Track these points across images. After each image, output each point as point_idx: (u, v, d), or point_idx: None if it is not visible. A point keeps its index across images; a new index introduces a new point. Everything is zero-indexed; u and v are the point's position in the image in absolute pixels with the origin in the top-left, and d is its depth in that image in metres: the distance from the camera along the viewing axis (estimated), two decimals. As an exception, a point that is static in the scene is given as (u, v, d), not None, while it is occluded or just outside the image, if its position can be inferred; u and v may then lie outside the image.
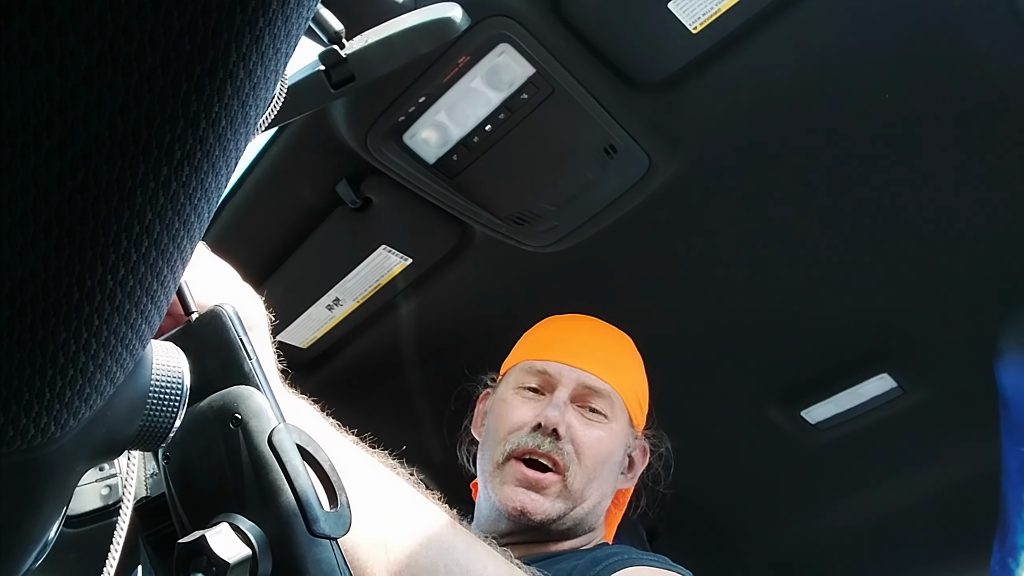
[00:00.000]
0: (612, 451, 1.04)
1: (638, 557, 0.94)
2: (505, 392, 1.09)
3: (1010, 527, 1.21)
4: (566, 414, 1.02)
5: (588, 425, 1.03)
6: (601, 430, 1.04)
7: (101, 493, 0.48)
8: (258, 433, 0.41)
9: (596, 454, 1.02)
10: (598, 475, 1.02)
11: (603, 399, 1.05)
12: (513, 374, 1.11)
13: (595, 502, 1.03)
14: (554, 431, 1.00)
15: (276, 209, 1.11)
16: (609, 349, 1.12)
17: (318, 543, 0.40)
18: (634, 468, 1.12)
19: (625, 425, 1.08)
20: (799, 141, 1.05)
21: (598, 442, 1.02)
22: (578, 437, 1.01)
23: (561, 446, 1.00)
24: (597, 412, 1.05)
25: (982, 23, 0.91)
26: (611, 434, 1.04)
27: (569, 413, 1.03)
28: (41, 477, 0.26)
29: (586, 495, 1.01)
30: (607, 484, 1.05)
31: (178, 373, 0.34)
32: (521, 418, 1.03)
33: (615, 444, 1.05)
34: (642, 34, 0.91)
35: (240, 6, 0.20)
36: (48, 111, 0.18)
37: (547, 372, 1.07)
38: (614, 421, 1.05)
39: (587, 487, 1.01)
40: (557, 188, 1.10)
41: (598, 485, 1.03)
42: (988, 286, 1.25)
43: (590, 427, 1.03)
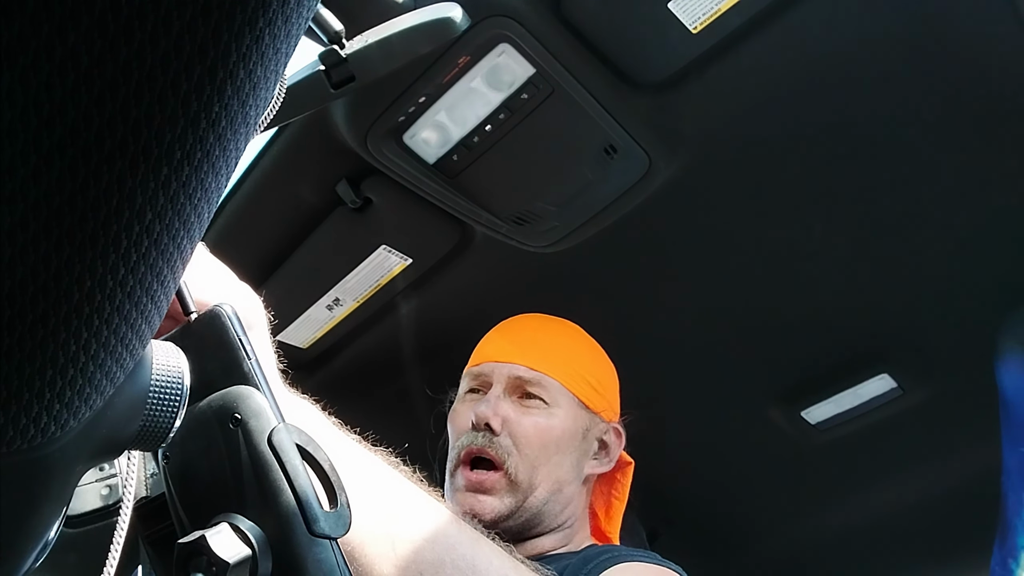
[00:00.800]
0: (557, 435, 1.03)
1: (628, 554, 0.93)
2: (456, 403, 1.12)
3: (1010, 527, 1.21)
4: (499, 407, 1.02)
5: (525, 413, 1.03)
6: (539, 416, 1.03)
7: (101, 493, 0.48)
8: (258, 433, 0.41)
9: (538, 440, 1.02)
10: (544, 461, 1.02)
11: (537, 386, 1.05)
12: (462, 383, 1.14)
13: (549, 489, 1.01)
14: (487, 426, 1.01)
15: (276, 209, 1.11)
16: (543, 340, 1.12)
17: (318, 543, 0.40)
18: (609, 451, 1.11)
19: (572, 408, 1.06)
20: (799, 141, 1.05)
21: (535, 427, 1.02)
22: (515, 428, 1.02)
23: (496, 441, 1.00)
24: (533, 397, 1.05)
25: (982, 23, 0.91)
26: (551, 418, 1.04)
27: (504, 405, 1.03)
28: (41, 477, 0.26)
29: (535, 483, 1.00)
30: (561, 469, 1.03)
31: (178, 373, 0.34)
32: (463, 422, 1.05)
33: (560, 428, 1.04)
34: (642, 34, 0.91)
35: (240, 6, 0.20)
36: (48, 111, 0.18)
37: (482, 373, 1.09)
38: (555, 406, 1.05)
39: (534, 475, 1.00)
40: (557, 188, 1.10)
41: (548, 471, 1.02)
42: (988, 286, 1.25)
43: (527, 414, 1.03)
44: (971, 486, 1.56)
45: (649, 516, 1.74)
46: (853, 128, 1.04)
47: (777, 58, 0.94)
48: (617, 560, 0.90)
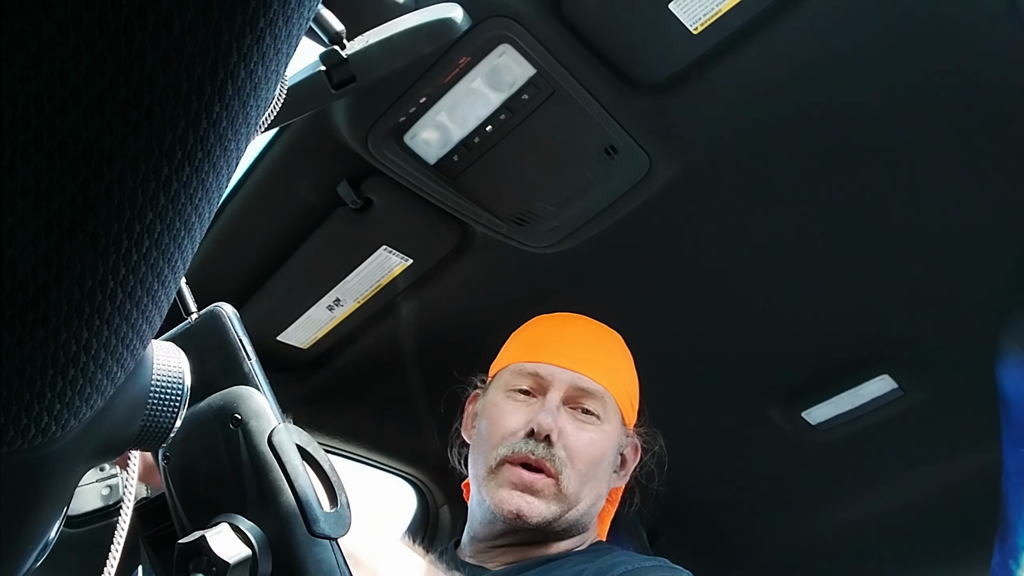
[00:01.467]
0: (605, 452, 1.04)
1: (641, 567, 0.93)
2: (496, 395, 1.08)
3: (1011, 528, 1.21)
4: (559, 418, 1.02)
5: (581, 428, 1.03)
6: (594, 432, 1.03)
7: (102, 493, 0.48)
8: (258, 433, 0.41)
9: (589, 457, 1.02)
10: (592, 476, 1.02)
11: (596, 400, 1.05)
12: (504, 376, 1.10)
13: (590, 503, 1.03)
14: (547, 437, 1.00)
15: (277, 209, 1.11)
16: (600, 348, 1.11)
17: (318, 543, 0.40)
18: (626, 466, 1.12)
19: (618, 425, 1.07)
20: (800, 142, 1.05)
21: (591, 445, 1.02)
22: (571, 441, 1.01)
23: (554, 452, 1.00)
24: (590, 413, 1.04)
25: (983, 23, 0.91)
26: (604, 435, 1.04)
27: (562, 417, 1.02)
28: (42, 477, 0.26)
29: (581, 497, 1.01)
30: (601, 484, 1.05)
31: (179, 373, 0.34)
32: (514, 423, 1.03)
33: (608, 445, 1.05)
34: (643, 35, 0.91)
35: (241, 6, 0.20)
36: (49, 111, 0.18)
37: (539, 374, 1.06)
38: (607, 422, 1.05)
39: (581, 489, 1.01)
40: (558, 189, 1.10)
41: (592, 486, 1.03)
42: (988, 287, 1.25)
43: (583, 429, 1.03)
44: (971, 486, 1.56)
45: (649, 516, 1.74)
46: (854, 129, 1.04)
47: (778, 59, 0.94)
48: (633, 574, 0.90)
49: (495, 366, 1.15)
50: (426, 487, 1.67)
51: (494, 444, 1.03)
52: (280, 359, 1.34)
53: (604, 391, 1.06)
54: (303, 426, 0.43)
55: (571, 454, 1.00)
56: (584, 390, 1.05)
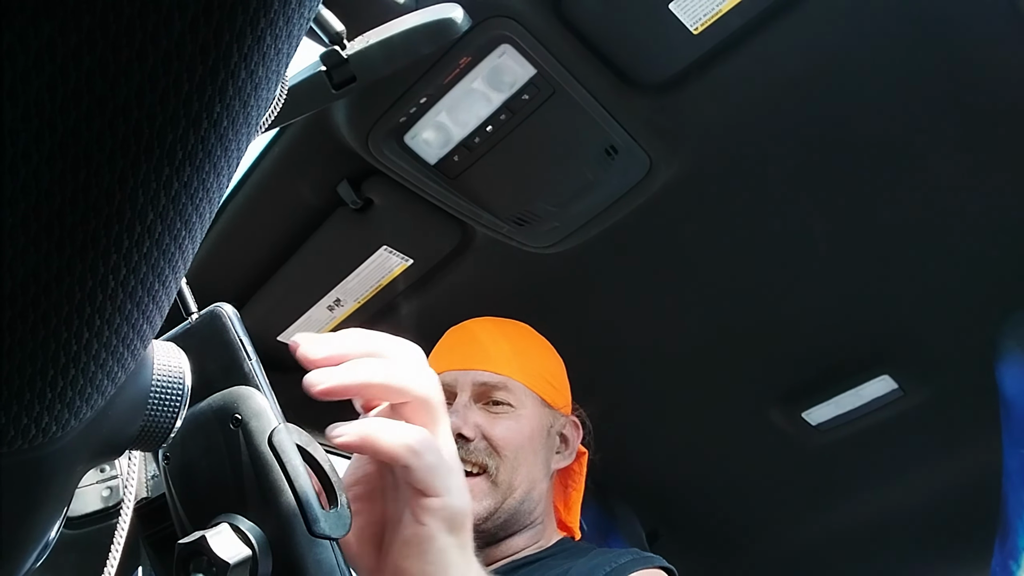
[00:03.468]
0: (528, 436, 1.07)
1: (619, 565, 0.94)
2: None
3: (1011, 529, 1.21)
4: (469, 415, 1.05)
5: (495, 418, 1.06)
6: (508, 419, 1.07)
7: (102, 495, 0.48)
8: (258, 433, 0.41)
9: (511, 443, 1.05)
10: (522, 462, 1.05)
11: (502, 390, 1.08)
12: None
13: (526, 490, 1.05)
14: (460, 436, 1.03)
15: (277, 209, 1.11)
16: (500, 343, 1.15)
17: (318, 543, 0.40)
18: (569, 444, 1.15)
19: (536, 407, 1.10)
20: (800, 142, 1.05)
21: (508, 431, 1.05)
22: (488, 431, 1.05)
23: (472, 448, 1.03)
24: (500, 403, 1.08)
25: (983, 23, 0.91)
26: (520, 420, 1.07)
27: (474, 413, 1.06)
28: (42, 477, 0.26)
29: (514, 484, 1.04)
30: (535, 468, 1.07)
31: (179, 373, 0.34)
32: None
33: (529, 428, 1.08)
34: (643, 35, 0.91)
35: (242, 7, 0.20)
36: (50, 111, 0.18)
37: (445, 383, 1.10)
38: (520, 407, 1.08)
39: (514, 476, 1.04)
40: (558, 189, 1.10)
41: (525, 471, 1.05)
42: (988, 287, 1.25)
43: (497, 419, 1.06)
44: (971, 487, 1.56)
45: (649, 516, 1.74)
46: (854, 129, 1.04)
47: (778, 59, 0.94)
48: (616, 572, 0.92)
49: None
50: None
51: None
52: (280, 359, 1.33)
53: (507, 380, 1.09)
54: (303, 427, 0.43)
55: (493, 444, 1.04)
56: (487, 384, 1.09)
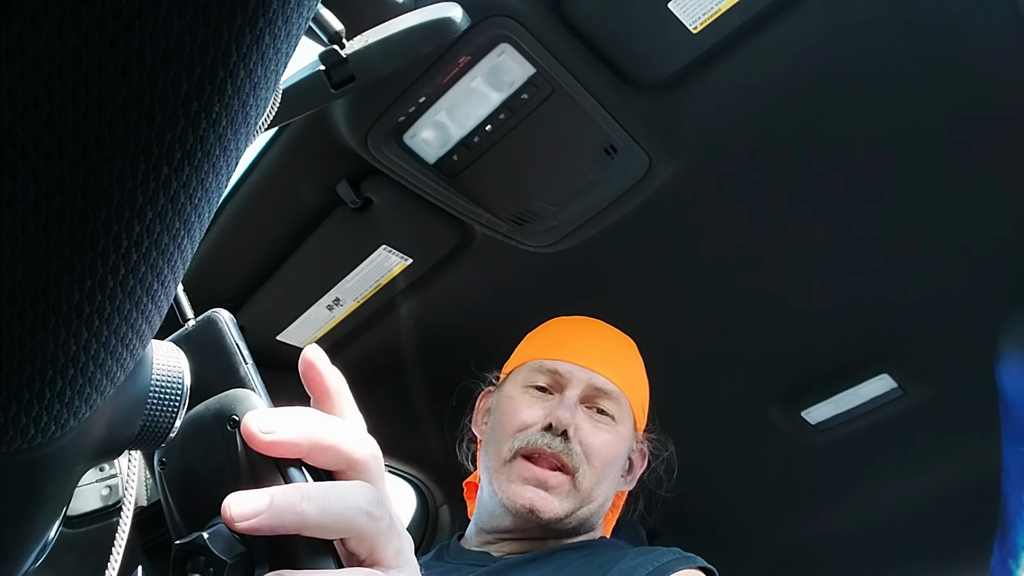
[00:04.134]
0: (619, 454, 1.05)
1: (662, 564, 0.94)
2: (513, 390, 1.08)
3: (1010, 528, 1.21)
4: (576, 415, 1.02)
5: (597, 427, 1.03)
6: (609, 433, 1.04)
7: (101, 494, 0.48)
8: (257, 434, 0.41)
9: (604, 456, 1.02)
10: (605, 477, 1.03)
11: (612, 401, 1.06)
12: (521, 372, 1.10)
13: (600, 503, 1.03)
14: (564, 432, 1.00)
15: (276, 209, 1.11)
16: (617, 351, 1.13)
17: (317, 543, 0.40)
18: (633, 471, 1.13)
19: (631, 428, 1.08)
20: (800, 141, 1.05)
21: (606, 445, 1.03)
22: (587, 439, 1.02)
23: (570, 447, 1.00)
24: (605, 414, 1.05)
25: (983, 25, 0.91)
26: (618, 437, 1.05)
27: (578, 414, 1.03)
28: (41, 477, 0.26)
29: (594, 496, 1.01)
30: (613, 485, 1.06)
31: (178, 373, 0.34)
32: (531, 417, 1.03)
33: (621, 447, 1.05)
34: (642, 34, 0.91)
35: (241, 6, 0.20)
36: (48, 111, 0.18)
37: (557, 371, 1.07)
38: (621, 424, 1.06)
39: (595, 488, 1.01)
40: (557, 188, 1.10)
41: (605, 487, 1.03)
42: (988, 286, 1.25)
43: (598, 429, 1.03)
44: (971, 486, 1.56)
45: (649, 516, 1.74)
46: (854, 128, 1.04)
47: (778, 58, 0.94)
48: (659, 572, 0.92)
49: (510, 363, 1.15)
50: (426, 487, 1.67)
51: (509, 436, 1.03)
52: (280, 359, 1.34)
53: (620, 392, 1.06)
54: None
55: (587, 451, 1.01)
56: (601, 390, 1.05)
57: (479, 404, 1.17)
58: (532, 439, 1.00)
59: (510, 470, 1.01)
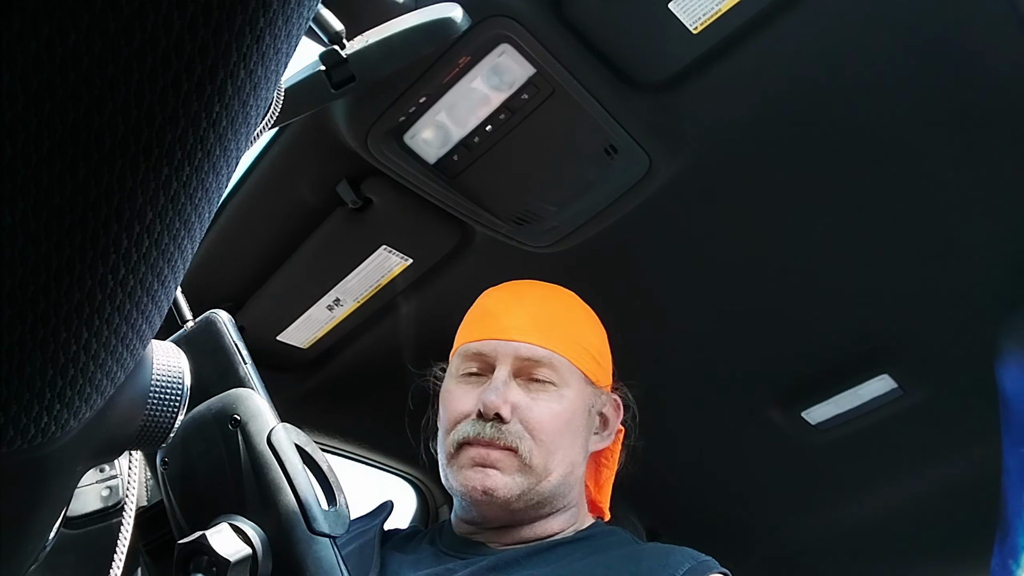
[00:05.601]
0: (569, 418, 0.99)
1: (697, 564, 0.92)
2: (448, 382, 1.05)
3: (1010, 528, 1.21)
4: (508, 394, 0.97)
5: (535, 398, 0.98)
6: (550, 399, 0.98)
7: (102, 494, 0.48)
8: (257, 433, 0.41)
9: (549, 427, 0.97)
10: (559, 446, 0.98)
11: (545, 367, 0.99)
12: (454, 362, 1.06)
13: (563, 473, 0.98)
14: (496, 415, 0.95)
15: (276, 209, 1.11)
16: (547, 312, 1.05)
17: (318, 541, 0.40)
18: (608, 424, 1.07)
19: (580, 386, 1.02)
20: (799, 141, 1.05)
21: (550, 413, 0.97)
22: (526, 414, 0.97)
23: (506, 429, 0.95)
24: (542, 382, 0.99)
25: (983, 25, 0.91)
26: (563, 400, 0.99)
27: (512, 391, 0.98)
28: (41, 477, 0.26)
29: (550, 467, 0.97)
30: (573, 451, 1.00)
31: (178, 373, 0.34)
32: (464, 406, 0.99)
33: (570, 409, 1.00)
34: (643, 34, 0.91)
35: (241, 6, 0.20)
36: (49, 110, 0.18)
37: (482, 352, 1.01)
38: (564, 386, 1.00)
39: (549, 460, 0.97)
40: (558, 188, 1.10)
41: (562, 455, 0.98)
42: (988, 286, 1.25)
43: (537, 400, 0.98)
44: (971, 486, 1.56)
45: (649, 516, 1.74)
46: (854, 129, 1.04)
47: (778, 58, 0.94)
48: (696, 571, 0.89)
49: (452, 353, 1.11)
50: (426, 487, 1.67)
51: (448, 430, 1.00)
52: (280, 359, 1.34)
53: (552, 355, 1.00)
54: (303, 426, 0.43)
55: (528, 427, 0.96)
56: (530, 359, 0.99)
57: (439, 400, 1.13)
58: (465, 431, 0.97)
59: (458, 460, 0.97)
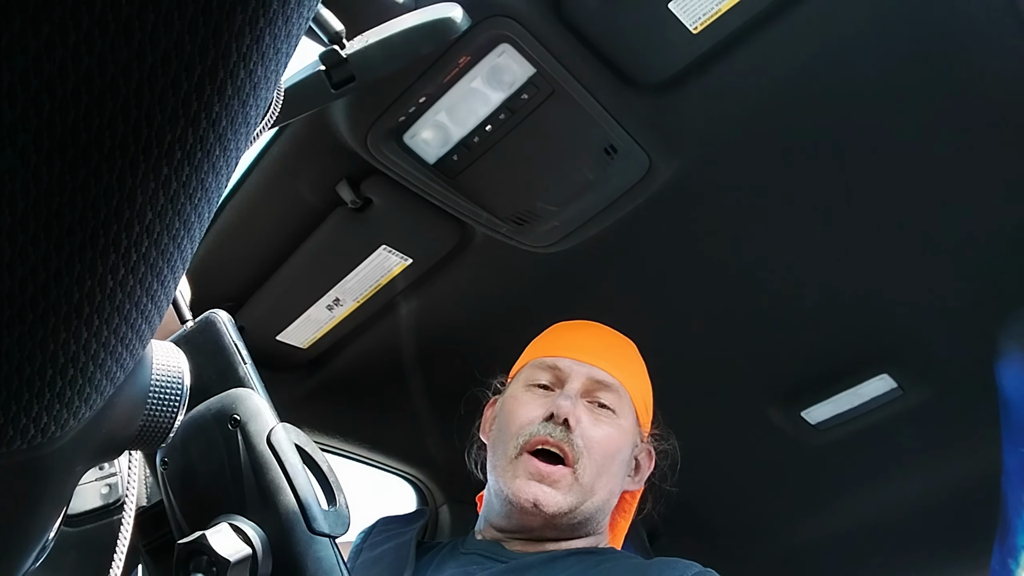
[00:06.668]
0: (620, 447, 1.05)
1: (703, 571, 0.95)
2: (516, 389, 1.10)
3: (1010, 527, 1.21)
4: (578, 408, 1.03)
5: (597, 419, 1.04)
6: (610, 425, 1.05)
7: (101, 492, 0.48)
8: (256, 433, 0.41)
9: (605, 448, 1.03)
10: (607, 470, 1.03)
11: (612, 394, 1.06)
12: (524, 372, 1.12)
13: (604, 498, 1.03)
14: (565, 421, 1.01)
15: (276, 209, 1.11)
16: (616, 349, 1.14)
17: (318, 541, 0.40)
18: (640, 471, 1.12)
19: (633, 423, 1.08)
20: (799, 142, 1.05)
21: (607, 437, 1.03)
22: (587, 431, 1.02)
23: (572, 437, 1.01)
24: (606, 407, 1.06)
25: (983, 25, 0.91)
26: (619, 430, 1.05)
27: (579, 407, 1.04)
28: (41, 477, 0.26)
29: (596, 489, 1.02)
30: (615, 481, 1.05)
31: (178, 373, 0.34)
32: (533, 412, 1.04)
33: (623, 440, 1.06)
34: (643, 34, 0.91)
35: (241, 6, 0.20)
36: (49, 110, 0.18)
37: (557, 367, 1.08)
38: (622, 417, 1.06)
39: (597, 481, 1.01)
40: (557, 188, 1.10)
41: (607, 480, 1.03)
42: (988, 286, 1.25)
43: (599, 421, 1.04)
44: (971, 486, 1.56)
45: (649, 516, 1.74)
46: (853, 129, 1.04)
47: (778, 59, 0.94)
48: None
49: (516, 367, 1.17)
50: (426, 487, 1.67)
51: (513, 433, 1.04)
52: (279, 359, 1.34)
53: (620, 385, 1.07)
54: (303, 426, 0.43)
55: (587, 443, 1.02)
56: (601, 383, 1.06)
57: (486, 412, 1.18)
58: (535, 431, 1.02)
59: (516, 467, 1.02)
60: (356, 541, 1.16)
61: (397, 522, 1.16)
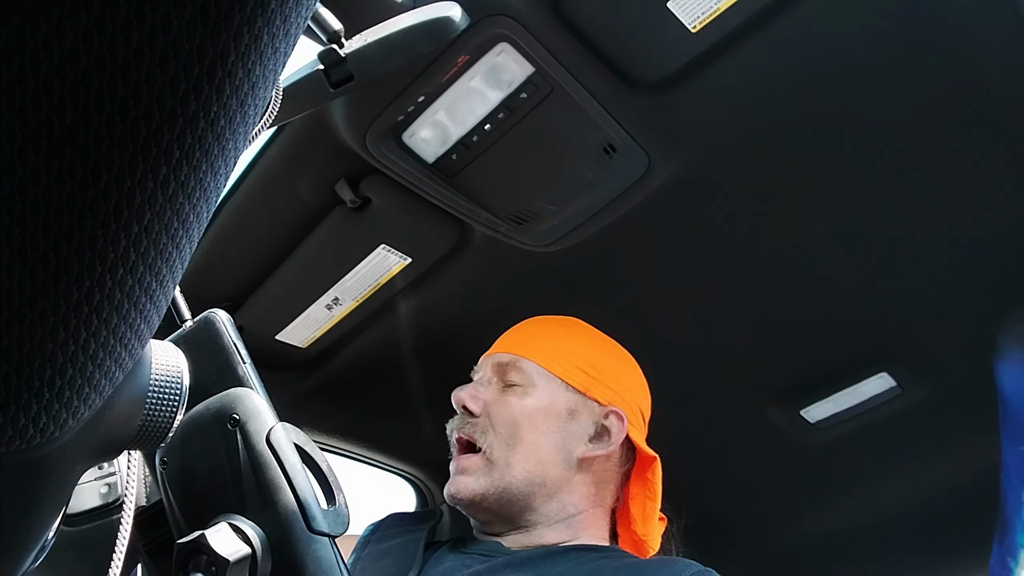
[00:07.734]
0: (530, 414, 1.05)
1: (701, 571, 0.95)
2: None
3: (1009, 526, 1.21)
4: (478, 391, 1.09)
5: (502, 397, 1.08)
6: (514, 397, 1.07)
7: (100, 491, 0.48)
8: (256, 433, 0.41)
9: (512, 420, 1.05)
10: (521, 440, 1.04)
11: (516, 371, 1.09)
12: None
13: (530, 470, 1.02)
14: (465, 408, 1.07)
15: (275, 209, 1.11)
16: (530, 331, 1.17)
17: (317, 540, 0.40)
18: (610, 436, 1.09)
19: (552, 389, 1.08)
20: (799, 140, 1.05)
21: (509, 407, 1.06)
22: (491, 409, 1.07)
23: (473, 422, 1.06)
24: (512, 384, 1.09)
25: (983, 24, 0.91)
26: (525, 398, 1.07)
27: (484, 389, 1.09)
28: (40, 477, 0.26)
29: (512, 463, 1.02)
30: (541, 450, 1.04)
31: (177, 372, 0.34)
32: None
33: (536, 407, 1.06)
34: (641, 33, 0.91)
35: (239, 5, 0.20)
36: (46, 110, 0.18)
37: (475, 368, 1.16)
38: (531, 386, 1.08)
39: (511, 454, 1.03)
40: (556, 187, 1.10)
41: (525, 451, 1.03)
42: (988, 286, 1.25)
43: (503, 398, 1.08)
44: (970, 485, 1.56)
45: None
46: (853, 127, 1.04)
47: (776, 58, 0.94)
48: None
49: None
50: (425, 486, 1.67)
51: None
52: (279, 358, 1.34)
53: (519, 359, 1.11)
54: (302, 425, 0.43)
55: (493, 422, 1.06)
56: (503, 364, 1.11)
57: None
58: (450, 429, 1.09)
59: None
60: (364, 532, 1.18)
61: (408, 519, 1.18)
